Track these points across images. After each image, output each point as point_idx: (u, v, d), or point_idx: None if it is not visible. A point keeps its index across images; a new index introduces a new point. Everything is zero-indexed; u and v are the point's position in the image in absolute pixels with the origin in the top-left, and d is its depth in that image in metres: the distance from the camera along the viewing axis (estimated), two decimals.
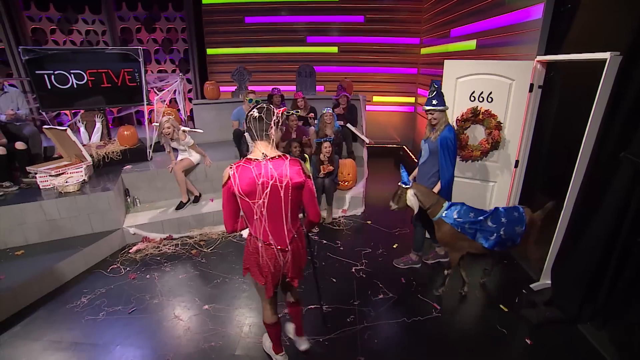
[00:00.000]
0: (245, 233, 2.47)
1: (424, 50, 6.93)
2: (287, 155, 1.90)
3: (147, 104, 4.86)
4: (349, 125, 5.60)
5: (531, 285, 3.00)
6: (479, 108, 3.37)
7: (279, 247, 1.94)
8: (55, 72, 4.29)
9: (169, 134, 4.11)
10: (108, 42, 6.97)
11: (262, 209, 1.85)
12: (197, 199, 4.53)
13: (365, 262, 3.61)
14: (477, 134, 3.49)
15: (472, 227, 2.80)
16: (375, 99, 7.69)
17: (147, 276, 3.40)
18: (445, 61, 3.50)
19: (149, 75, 6.28)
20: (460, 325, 2.83)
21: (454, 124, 3.50)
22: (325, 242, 4.06)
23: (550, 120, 3.44)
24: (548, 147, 3.56)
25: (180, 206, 4.35)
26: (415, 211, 2.98)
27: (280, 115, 1.90)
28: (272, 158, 1.85)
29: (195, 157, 4.47)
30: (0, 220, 3.53)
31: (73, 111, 5.52)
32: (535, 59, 3.12)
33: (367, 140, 5.65)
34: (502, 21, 3.75)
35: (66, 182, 3.78)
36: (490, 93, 3.33)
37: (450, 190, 3.16)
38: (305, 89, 6.49)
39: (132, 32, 7.23)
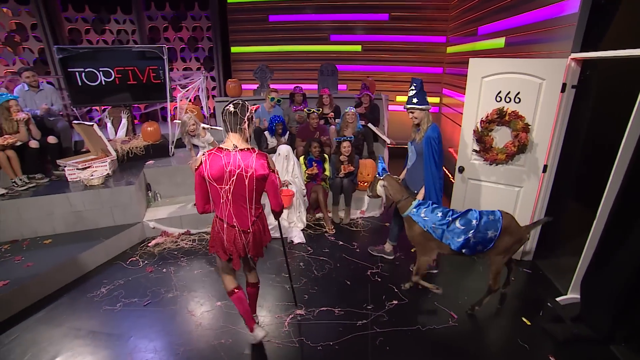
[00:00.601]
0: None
1: (450, 49, 6.71)
2: (255, 149, 2.10)
3: (170, 101, 4.97)
4: (370, 125, 5.51)
5: (557, 299, 2.81)
6: (505, 109, 3.18)
7: (242, 228, 2.17)
8: (86, 70, 4.47)
9: (193, 130, 4.18)
10: (137, 40, 7.21)
11: (228, 194, 2.07)
12: None
13: (381, 266, 3.53)
14: (502, 137, 3.31)
15: (440, 227, 2.72)
16: (399, 98, 7.53)
17: (164, 270, 3.47)
18: (470, 59, 3.34)
19: (174, 72, 6.44)
20: (477, 336, 2.70)
21: (478, 125, 3.34)
22: (341, 243, 4.01)
23: (585, 122, 3.22)
24: (581, 151, 3.34)
25: None
26: (385, 200, 3.04)
27: (253, 112, 2.13)
28: (241, 150, 2.06)
29: None
30: (32, 210, 3.72)
31: (103, 107, 5.75)
32: (569, 57, 2.92)
33: (388, 141, 5.53)
34: (533, 17, 3.54)
35: (91, 175, 3.93)
36: (518, 93, 3.14)
37: (437, 193, 3.05)
38: (327, 87, 6.44)
39: (159, 31, 7.45)
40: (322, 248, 3.89)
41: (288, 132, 5.09)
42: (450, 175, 5.58)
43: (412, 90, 2.96)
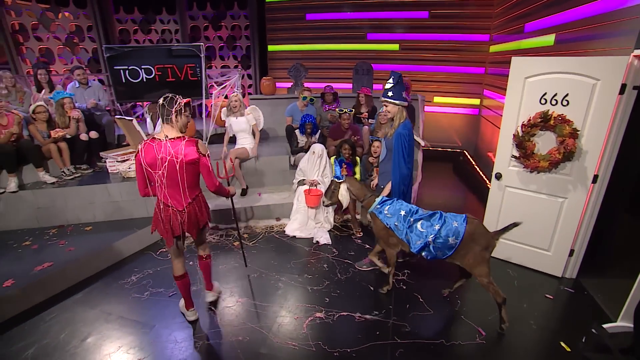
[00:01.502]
0: (287, 230, 3.75)
1: (493, 48, 6.33)
2: (186, 137, 2.35)
3: (206, 98, 5.12)
4: None
5: (604, 325, 2.51)
6: (550, 112, 2.91)
7: (177, 209, 2.43)
8: (129, 68, 4.72)
9: (236, 107, 4.40)
10: (180, 39, 7.53)
11: (162, 179, 2.34)
12: (244, 192, 4.65)
13: (407, 273, 3.39)
14: (546, 142, 3.04)
15: (402, 226, 2.72)
16: (437, 99, 7.25)
17: (190, 263, 3.56)
18: (513, 58, 3.09)
19: (212, 70, 6.64)
20: (507, 358, 2.48)
21: (519, 129, 3.09)
22: (368, 246, 3.90)
23: None
24: None
25: (244, 193, 4.53)
26: (345, 205, 3.10)
27: (183, 105, 2.34)
28: (172, 139, 2.32)
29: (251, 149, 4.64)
30: (76, 198, 4.00)
31: (145, 103, 6.05)
32: (632, 54, 2.60)
33: (422, 143, 5.33)
34: (589, 11, 3.21)
35: (129, 167, 4.14)
36: (567, 95, 2.86)
37: (404, 190, 3.02)
38: (362, 86, 6.33)
39: (200, 30, 7.72)
40: (347, 250, 3.81)
41: (319, 132, 5.05)
42: (487, 181, 5.27)
43: (389, 83, 2.93)
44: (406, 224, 2.71)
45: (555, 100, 2.91)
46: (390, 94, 2.91)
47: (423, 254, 2.68)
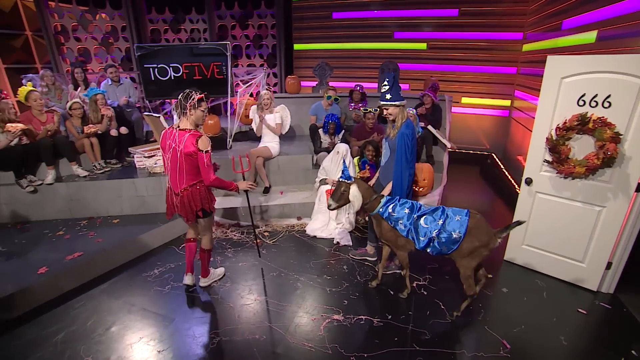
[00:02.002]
0: (308, 230, 3.80)
1: (526, 47, 6.04)
2: (191, 130, 2.60)
3: (231, 96, 5.19)
4: (430, 127, 5.19)
5: None
6: (589, 115, 2.72)
7: (174, 191, 2.76)
8: (159, 66, 4.85)
9: (267, 104, 4.57)
10: (208, 38, 7.69)
11: (168, 162, 2.70)
12: (267, 190, 4.67)
13: (429, 278, 3.29)
14: (582, 147, 2.85)
15: (406, 224, 2.69)
16: (464, 100, 7.02)
17: (211, 259, 3.56)
18: (548, 57, 2.90)
19: (238, 69, 6.73)
20: None
21: (553, 132, 2.91)
22: None
23: None
24: None
25: (266, 191, 4.57)
26: (356, 208, 2.89)
27: (197, 100, 2.56)
28: (181, 130, 2.60)
29: (275, 149, 4.65)
30: (105, 192, 4.16)
31: (173, 101, 6.21)
32: None
33: (448, 145, 5.17)
34: (635, 4, 2.98)
35: (155, 163, 4.25)
36: (608, 97, 2.66)
37: (404, 192, 2.95)
38: None
39: (227, 29, 7.84)
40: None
41: (343, 132, 5.01)
42: (516, 186, 5.04)
43: (386, 86, 2.84)
44: (410, 221, 2.68)
45: (595, 101, 2.72)
46: (388, 96, 2.84)
47: (428, 250, 2.65)
